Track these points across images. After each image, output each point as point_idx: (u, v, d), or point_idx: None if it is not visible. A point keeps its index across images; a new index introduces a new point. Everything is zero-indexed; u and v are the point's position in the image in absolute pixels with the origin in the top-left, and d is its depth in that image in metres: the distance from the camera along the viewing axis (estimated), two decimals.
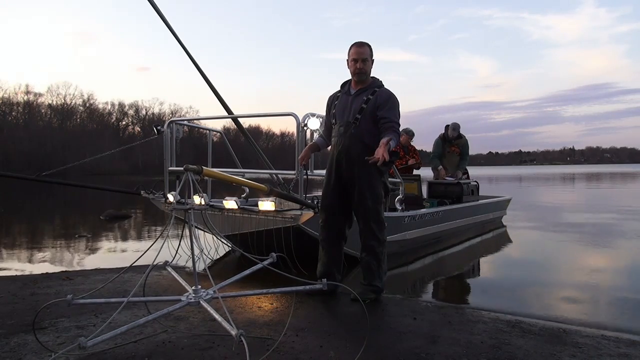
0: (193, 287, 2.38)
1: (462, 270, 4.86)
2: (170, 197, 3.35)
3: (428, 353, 2.34)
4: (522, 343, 2.51)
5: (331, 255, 3.42)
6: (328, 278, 3.27)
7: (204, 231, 4.62)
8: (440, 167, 7.40)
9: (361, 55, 3.23)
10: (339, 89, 3.48)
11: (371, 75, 3.36)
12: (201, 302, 2.30)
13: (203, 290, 2.37)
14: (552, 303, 3.50)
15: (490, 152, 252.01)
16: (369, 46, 3.29)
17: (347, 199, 3.33)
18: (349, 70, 3.35)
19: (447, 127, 7.48)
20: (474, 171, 8.14)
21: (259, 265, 2.62)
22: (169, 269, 2.82)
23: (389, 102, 3.22)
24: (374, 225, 3.27)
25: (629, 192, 18.44)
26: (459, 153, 7.49)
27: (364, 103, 3.23)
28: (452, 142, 7.44)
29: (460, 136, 7.44)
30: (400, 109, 3.31)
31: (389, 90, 3.31)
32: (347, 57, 3.33)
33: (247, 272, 2.64)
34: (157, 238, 2.42)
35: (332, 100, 3.46)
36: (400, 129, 7.14)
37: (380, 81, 3.37)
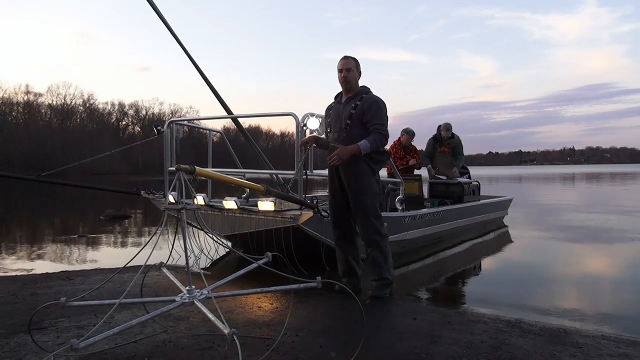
0: (187, 287, 2.37)
1: (462, 271, 4.86)
2: (170, 198, 3.35)
3: (428, 353, 2.34)
4: (522, 343, 2.51)
5: (346, 251, 3.60)
6: (349, 274, 3.59)
7: (204, 231, 4.62)
8: (429, 166, 7.42)
9: (345, 66, 3.48)
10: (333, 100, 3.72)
11: (360, 85, 3.57)
12: (195, 302, 2.29)
13: (197, 290, 2.37)
14: (552, 303, 3.50)
15: (490, 152, 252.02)
16: (354, 59, 3.54)
17: (348, 199, 3.50)
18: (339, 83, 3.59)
19: (439, 127, 7.47)
20: (473, 171, 8.13)
21: (253, 265, 2.61)
22: (164, 270, 2.81)
23: (373, 106, 3.42)
24: (374, 220, 3.42)
25: (629, 192, 18.44)
26: (450, 153, 7.46)
27: (352, 109, 3.46)
28: (443, 142, 7.41)
29: (453, 136, 7.41)
30: (386, 111, 3.51)
31: (374, 96, 3.51)
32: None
33: (241, 271, 2.64)
34: (151, 238, 2.41)
35: (328, 110, 3.71)
36: (401, 129, 7.10)
37: (368, 88, 3.58)
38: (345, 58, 3.52)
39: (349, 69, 3.47)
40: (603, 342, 2.55)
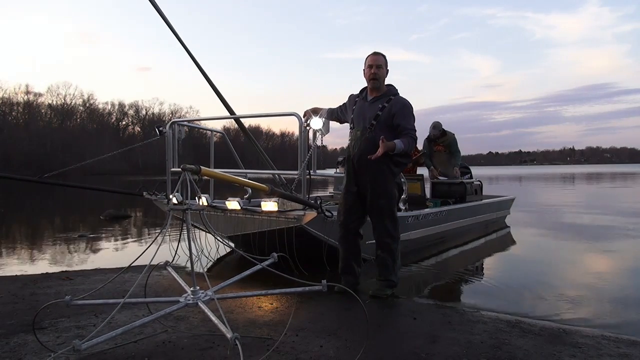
0: (191, 288, 2.37)
1: (463, 271, 4.85)
2: (174, 199, 3.34)
3: (428, 353, 2.34)
4: (522, 343, 2.51)
5: (348, 249, 3.60)
6: (348, 272, 3.59)
7: (209, 232, 4.62)
8: (432, 167, 7.39)
9: (376, 62, 3.44)
10: (358, 92, 3.68)
11: (386, 83, 3.54)
12: (199, 303, 2.29)
13: (201, 291, 2.36)
14: (553, 303, 3.50)
15: (490, 152, 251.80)
16: (384, 56, 3.50)
17: (363, 200, 3.50)
18: (364, 78, 3.54)
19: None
20: (473, 171, 8.11)
21: (258, 267, 2.61)
22: (170, 269, 2.81)
23: (404, 110, 3.40)
24: (388, 223, 3.44)
25: (629, 192, 18.43)
26: (445, 150, 7.41)
27: (379, 110, 3.43)
28: (436, 141, 7.38)
29: (445, 133, 7.34)
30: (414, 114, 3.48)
31: (403, 99, 3.47)
32: (363, 67, 3.53)
33: (246, 273, 2.63)
34: (155, 238, 2.41)
35: (352, 103, 3.66)
36: None
37: (396, 89, 3.54)
38: (376, 54, 3.47)
39: (379, 65, 3.42)
40: (603, 342, 2.55)
